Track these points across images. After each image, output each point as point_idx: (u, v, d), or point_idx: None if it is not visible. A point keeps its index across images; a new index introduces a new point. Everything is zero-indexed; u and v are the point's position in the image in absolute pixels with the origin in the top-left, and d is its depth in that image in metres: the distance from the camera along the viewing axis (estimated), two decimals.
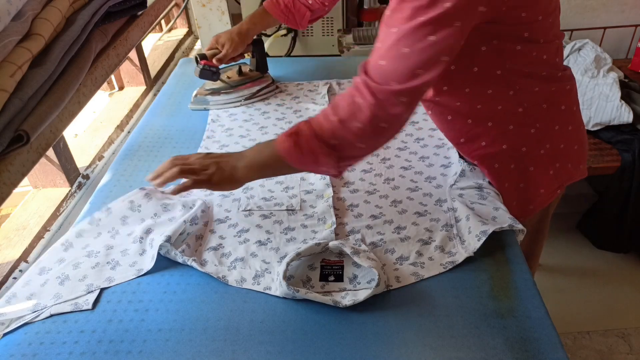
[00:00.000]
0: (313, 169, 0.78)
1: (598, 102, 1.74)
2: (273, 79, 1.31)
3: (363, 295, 0.72)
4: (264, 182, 0.98)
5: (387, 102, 0.70)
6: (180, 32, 1.84)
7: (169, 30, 1.82)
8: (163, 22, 1.81)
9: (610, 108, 1.71)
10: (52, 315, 0.73)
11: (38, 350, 0.68)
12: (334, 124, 0.72)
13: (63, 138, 1.07)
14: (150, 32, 1.69)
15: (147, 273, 0.79)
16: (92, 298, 0.75)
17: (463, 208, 0.87)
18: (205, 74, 1.18)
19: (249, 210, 0.92)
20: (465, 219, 0.84)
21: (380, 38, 0.71)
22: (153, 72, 1.55)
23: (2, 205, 0.75)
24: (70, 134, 1.33)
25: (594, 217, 1.90)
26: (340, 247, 0.78)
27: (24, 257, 0.92)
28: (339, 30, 1.56)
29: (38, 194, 1.06)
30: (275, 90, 1.30)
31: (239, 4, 1.54)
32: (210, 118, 1.21)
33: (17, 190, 0.78)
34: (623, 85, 1.76)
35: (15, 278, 0.89)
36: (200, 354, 0.67)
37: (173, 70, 1.46)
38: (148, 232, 0.85)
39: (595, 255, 1.93)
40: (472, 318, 0.71)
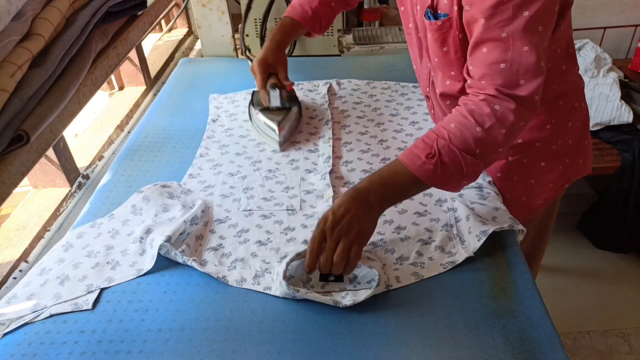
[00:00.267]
0: (455, 185, 0.77)
1: (598, 102, 1.74)
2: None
3: (363, 296, 0.72)
4: (265, 182, 0.98)
5: (524, 104, 0.72)
6: (180, 32, 1.84)
7: (169, 30, 1.82)
8: (163, 22, 1.81)
9: (610, 108, 1.72)
10: (52, 315, 0.73)
11: (38, 350, 0.68)
12: (479, 134, 0.72)
13: (63, 138, 1.07)
14: (150, 32, 1.69)
15: (147, 273, 0.79)
16: (92, 298, 0.75)
17: (463, 208, 0.87)
18: (293, 100, 1.11)
19: (249, 211, 0.92)
20: (465, 219, 0.84)
21: (485, 44, 0.72)
22: (153, 72, 1.55)
23: (2, 205, 0.75)
24: (70, 134, 1.33)
25: (594, 217, 1.90)
26: None
27: (24, 257, 0.92)
28: (339, 30, 1.56)
29: (38, 194, 1.06)
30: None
31: (239, 4, 1.54)
32: (211, 118, 1.21)
33: (17, 190, 0.78)
34: (623, 85, 1.76)
35: (15, 278, 0.89)
36: (200, 354, 0.67)
37: (173, 70, 1.46)
38: (148, 232, 0.85)
39: (595, 255, 1.93)
40: (472, 318, 0.71)
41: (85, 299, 0.75)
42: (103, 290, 0.77)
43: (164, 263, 0.81)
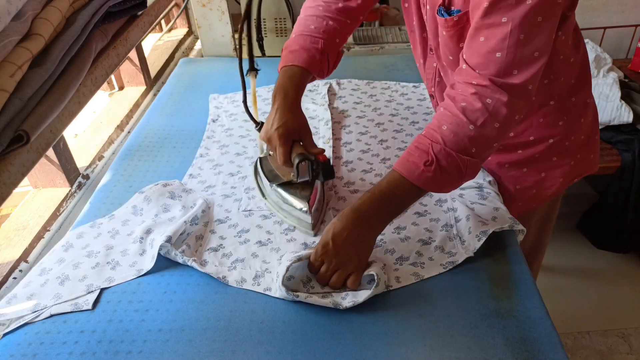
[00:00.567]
0: (455, 186, 0.78)
1: (598, 102, 1.74)
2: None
3: (363, 297, 0.72)
4: None
5: (519, 95, 0.71)
6: (180, 32, 1.84)
7: (169, 30, 1.82)
8: (163, 22, 1.81)
9: (610, 108, 1.72)
10: (52, 316, 0.73)
11: (38, 350, 0.68)
12: (471, 132, 0.71)
13: (63, 138, 1.07)
14: (150, 32, 1.69)
15: (147, 273, 0.79)
16: (92, 298, 0.75)
17: (463, 208, 0.87)
18: (328, 173, 0.83)
19: (249, 211, 0.91)
20: (465, 219, 0.84)
21: (484, 31, 0.71)
22: (153, 72, 1.55)
23: (2, 205, 0.74)
24: (70, 134, 1.33)
25: (594, 217, 1.90)
26: None
27: (24, 257, 0.92)
28: None
29: (38, 194, 1.06)
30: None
31: (239, 4, 1.54)
32: (211, 118, 1.21)
33: (17, 190, 0.78)
34: (623, 85, 1.76)
35: (15, 278, 0.89)
36: (200, 354, 0.67)
37: (173, 70, 1.46)
38: (148, 232, 0.85)
39: (595, 255, 1.93)
40: (472, 318, 0.71)
41: (85, 299, 0.75)
42: (103, 291, 0.77)
43: (164, 263, 0.81)
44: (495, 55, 0.70)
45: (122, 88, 1.48)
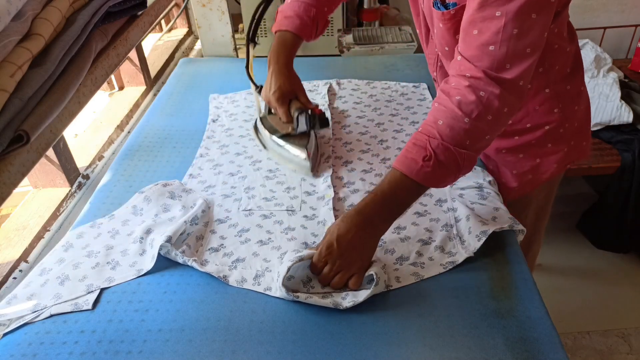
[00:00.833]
0: (452, 180, 0.79)
1: (598, 102, 1.74)
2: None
3: (363, 296, 0.72)
4: (265, 182, 0.98)
5: (511, 90, 0.72)
6: (180, 32, 1.84)
7: (169, 30, 1.82)
8: (163, 22, 1.81)
9: (610, 108, 1.72)
10: (52, 316, 0.73)
11: (38, 350, 0.68)
12: (466, 125, 0.73)
13: (63, 138, 1.07)
14: (150, 32, 1.69)
15: (147, 273, 0.79)
16: (92, 298, 0.75)
17: (463, 208, 0.87)
18: (323, 122, 0.97)
19: (249, 210, 0.92)
20: (465, 219, 0.84)
21: (478, 24, 0.72)
22: (153, 72, 1.55)
23: (2, 205, 0.75)
24: (70, 134, 1.33)
25: (594, 217, 1.90)
26: None
27: (24, 257, 0.92)
28: (339, 30, 1.56)
29: (38, 194, 1.06)
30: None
31: (239, 4, 1.54)
32: (211, 118, 1.21)
33: (17, 190, 0.78)
34: (623, 85, 1.76)
35: (15, 278, 0.89)
36: (200, 354, 0.67)
37: (173, 70, 1.46)
38: (148, 232, 0.85)
39: (595, 255, 1.93)
40: (472, 318, 0.71)
41: (85, 299, 0.75)
42: (103, 291, 0.77)
43: (164, 263, 0.81)
44: (489, 49, 0.71)
45: (122, 88, 1.48)
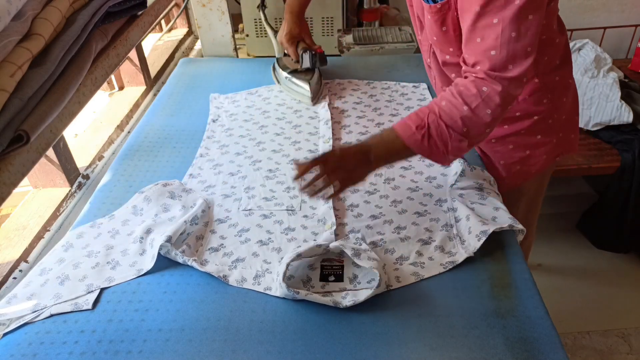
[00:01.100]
0: (441, 158, 0.83)
1: (598, 102, 1.74)
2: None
3: (363, 296, 0.72)
4: (265, 182, 0.98)
5: (512, 86, 0.77)
6: (180, 32, 1.84)
7: (169, 30, 1.82)
8: (163, 22, 1.81)
9: (610, 108, 1.71)
10: (52, 315, 0.73)
11: (38, 350, 0.68)
12: (464, 112, 0.78)
13: (63, 138, 1.07)
14: (150, 32, 1.69)
15: (147, 273, 0.79)
16: (92, 298, 0.75)
17: (463, 208, 0.87)
18: (323, 60, 1.24)
19: (249, 210, 0.92)
20: (465, 219, 0.84)
21: (478, 32, 0.77)
22: (153, 72, 1.55)
23: (2, 205, 0.74)
24: (70, 134, 1.33)
25: (594, 217, 1.89)
26: (341, 248, 0.78)
27: (24, 257, 0.92)
28: (339, 30, 1.56)
29: (38, 194, 1.06)
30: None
31: (239, 4, 1.54)
32: (211, 118, 1.21)
33: (17, 190, 0.78)
34: (623, 85, 1.76)
35: (15, 278, 0.89)
36: (200, 354, 0.67)
37: (173, 70, 1.46)
38: (148, 232, 0.85)
39: (595, 255, 1.93)
40: (472, 318, 0.71)
41: (85, 299, 0.75)
42: (103, 290, 0.77)
43: (164, 263, 0.81)
44: (491, 54, 0.76)
45: (122, 88, 1.48)
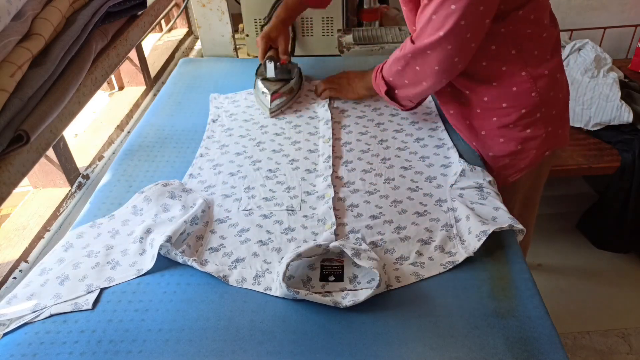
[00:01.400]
0: (384, 94, 1.09)
1: (598, 102, 1.74)
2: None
3: (363, 296, 0.72)
4: (265, 182, 0.98)
5: (420, 51, 0.93)
6: (180, 32, 1.84)
7: (169, 30, 1.82)
8: (163, 22, 1.81)
9: (610, 108, 1.72)
10: (52, 315, 0.73)
11: (38, 350, 0.68)
12: (387, 63, 1.05)
13: (63, 138, 1.07)
14: (150, 32, 1.69)
15: (147, 273, 0.79)
16: (92, 298, 0.75)
17: (463, 208, 0.87)
18: (284, 72, 1.22)
19: (249, 210, 0.92)
20: (465, 219, 0.84)
21: (428, 7, 0.90)
22: (153, 72, 1.55)
23: (2, 205, 0.74)
24: (70, 134, 1.33)
25: (594, 217, 1.90)
26: (341, 248, 0.78)
27: (24, 257, 0.92)
28: (339, 30, 1.56)
29: (38, 194, 1.06)
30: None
31: (239, 4, 1.54)
32: (211, 118, 1.21)
33: (17, 190, 0.78)
34: (623, 85, 1.76)
35: (15, 278, 0.89)
36: (200, 354, 0.67)
37: (173, 70, 1.46)
38: (148, 232, 0.85)
39: (595, 255, 1.93)
40: (472, 318, 0.71)
41: (85, 299, 0.75)
42: (103, 290, 0.77)
43: (164, 263, 0.81)
44: (426, 19, 0.91)
45: (122, 88, 1.48)
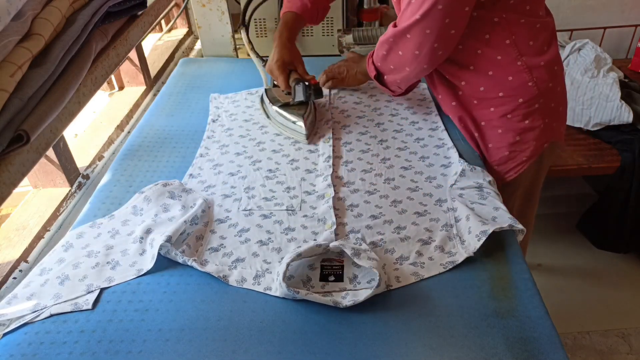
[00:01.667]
0: (387, 84, 1.10)
1: (598, 102, 1.74)
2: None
3: (363, 296, 0.72)
4: (265, 182, 0.98)
5: (400, 36, 0.96)
6: (180, 32, 1.84)
7: (169, 30, 1.82)
8: (163, 22, 1.81)
9: (610, 108, 1.72)
10: (52, 315, 0.73)
11: (38, 350, 0.68)
12: (383, 51, 1.04)
13: (63, 138, 1.07)
14: (150, 32, 1.69)
15: (147, 273, 0.79)
16: (92, 298, 0.75)
17: (463, 208, 0.87)
18: (317, 91, 1.10)
19: (249, 210, 0.92)
20: (465, 219, 0.84)
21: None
22: (153, 72, 1.55)
23: (2, 205, 0.74)
24: (70, 134, 1.33)
25: (594, 217, 1.90)
26: (341, 248, 0.78)
27: (24, 257, 0.92)
28: (339, 30, 1.56)
29: (38, 194, 1.06)
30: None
31: (239, 4, 1.54)
32: (211, 118, 1.21)
33: (17, 190, 0.78)
34: (623, 85, 1.76)
35: (15, 278, 0.89)
36: (200, 354, 0.67)
37: (173, 70, 1.46)
38: (148, 232, 0.85)
39: (595, 255, 1.93)
40: (472, 318, 0.71)
41: (85, 299, 0.75)
42: (103, 290, 0.77)
43: (164, 263, 0.81)
44: (402, 9, 0.95)
45: (122, 88, 1.48)
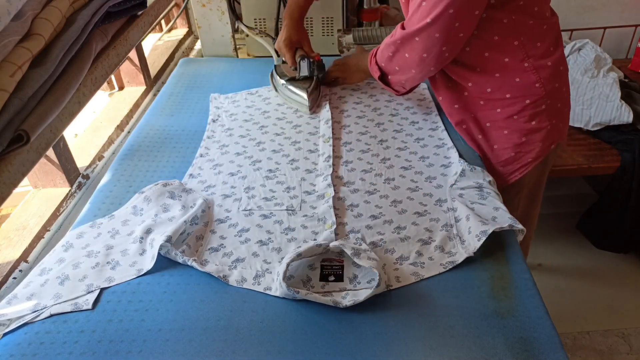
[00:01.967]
0: (376, 76, 1.12)
1: (598, 102, 1.74)
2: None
3: (363, 296, 0.72)
4: (265, 182, 0.98)
5: (408, 40, 0.97)
6: (180, 32, 1.84)
7: (169, 30, 1.82)
8: (163, 22, 1.81)
9: (610, 108, 1.72)
10: (52, 315, 0.73)
11: (38, 350, 0.68)
12: (382, 44, 1.07)
13: (63, 138, 1.07)
14: (150, 32, 1.69)
15: (147, 273, 0.79)
16: (92, 298, 0.75)
17: (463, 208, 0.87)
18: (320, 68, 1.23)
19: (249, 210, 0.92)
20: (465, 219, 0.84)
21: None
22: (153, 72, 1.55)
23: (2, 205, 0.74)
24: (70, 134, 1.33)
25: (594, 217, 1.89)
26: (341, 248, 0.78)
27: (24, 257, 0.92)
28: (339, 30, 1.56)
29: (38, 194, 1.06)
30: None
31: (239, 4, 1.54)
32: (211, 118, 1.21)
33: (17, 190, 0.78)
34: (623, 85, 1.76)
35: (15, 278, 0.89)
36: (200, 354, 0.67)
37: (173, 70, 1.46)
38: (148, 232, 0.85)
39: (595, 255, 1.93)
40: (472, 318, 0.71)
41: (85, 299, 0.75)
42: (103, 290, 0.77)
43: (164, 263, 0.81)
44: (409, 15, 0.97)
45: (122, 88, 1.48)
